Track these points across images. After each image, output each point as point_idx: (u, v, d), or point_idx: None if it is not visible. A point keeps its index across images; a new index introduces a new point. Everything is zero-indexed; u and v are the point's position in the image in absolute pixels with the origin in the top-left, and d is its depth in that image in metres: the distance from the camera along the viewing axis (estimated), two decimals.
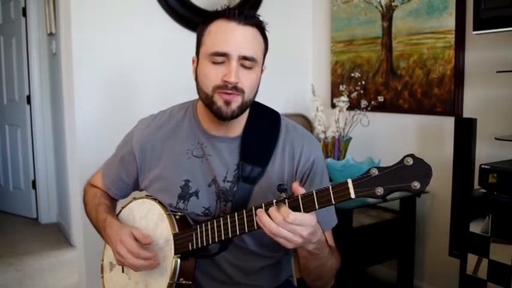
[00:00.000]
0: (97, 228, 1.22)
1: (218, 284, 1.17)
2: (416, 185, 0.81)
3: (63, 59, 2.53)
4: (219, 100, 1.04)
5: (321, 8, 2.79)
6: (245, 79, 1.04)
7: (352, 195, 0.84)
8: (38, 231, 3.57)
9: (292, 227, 0.88)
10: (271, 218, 0.89)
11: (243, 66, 1.04)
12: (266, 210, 0.92)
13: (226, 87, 1.03)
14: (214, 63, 1.03)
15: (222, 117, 1.06)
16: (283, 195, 0.92)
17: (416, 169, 0.82)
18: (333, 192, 0.86)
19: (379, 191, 0.83)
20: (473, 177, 1.83)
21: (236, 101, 1.04)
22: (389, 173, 0.83)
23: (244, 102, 1.06)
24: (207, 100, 1.06)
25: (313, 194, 0.88)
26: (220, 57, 1.03)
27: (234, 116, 1.06)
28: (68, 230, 3.33)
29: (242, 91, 1.04)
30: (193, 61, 1.13)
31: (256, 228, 0.95)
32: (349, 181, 0.85)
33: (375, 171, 0.84)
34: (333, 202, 0.86)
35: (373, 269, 2.52)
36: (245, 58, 1.03)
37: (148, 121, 1.22)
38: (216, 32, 1.04)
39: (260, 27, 1.08)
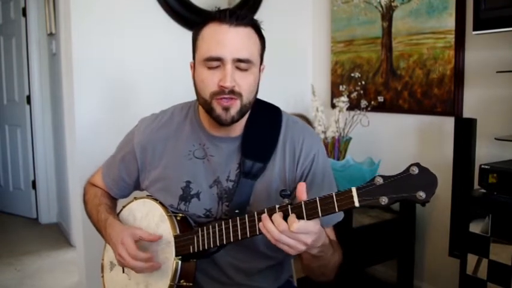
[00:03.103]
0: (97, 228, 1.22)
1: (219, 285, 1.16)
2: (421, 194, 0.80)
3: (63, 59, 2.52)
4: (217, 107, 1.03)
5: (321, 8, 2.79)
6: (242, 82, 1.03)
7: (356, 204, 0.84)
8: (38, 231, 3.57)
9: (296, 235, 0.87)
10: (274, 225, 0.88)
11: (238, 68, 1.02)
12: (270, 216, 0.91)
13: (223, 92, 1.01)
14: (210, 68, 1.02)
15: (221, 124, 1.06)
16: (286, 201, 0.91)
17: (421, 178, 0.81)
18: (336, 200, 0.86)
19: (384, 200, 0.82)
20: (473, 177, 1.83)
21: (235, 106, 1.03)
22: (394, 182, 0.82)
23: (243, 105, 1.05)
24: (205, 106, 1.06)
25: (316, 201, 0.88)
26: (215, 61, 1.01)
27: (234, 121, 1.05)
28: (68, 230, 3.32)
29: (240, 94, 1.03)
30: (191, 66, 1.12)
31: (258, 233, 0.95)
32: (354, 189, 0.84)
33: (379, 180, 0.83)
34: (336, 210, 0.86)
35: (373, 269, 2.52)
36: (240, 60, 1.01)
37: (150, 121, 1.21)
38: (208, 36, 1.03)
39: (255, 26, 1.06)
